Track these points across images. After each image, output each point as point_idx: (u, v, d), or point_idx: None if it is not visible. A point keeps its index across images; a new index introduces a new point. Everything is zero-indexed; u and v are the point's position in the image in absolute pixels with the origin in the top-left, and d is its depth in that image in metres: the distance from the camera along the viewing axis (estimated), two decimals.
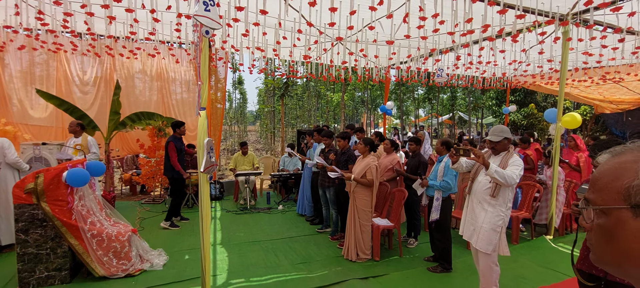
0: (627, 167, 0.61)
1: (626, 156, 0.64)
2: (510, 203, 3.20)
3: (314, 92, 17.86)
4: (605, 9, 3.16)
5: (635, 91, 9.94)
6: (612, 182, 0.63)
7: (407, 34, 3.76)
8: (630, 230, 0.59)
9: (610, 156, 0.67)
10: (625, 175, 0.61)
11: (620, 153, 0.66)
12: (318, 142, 5.86)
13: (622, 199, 0.60)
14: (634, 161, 0.61)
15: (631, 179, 0.59)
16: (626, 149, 0.66)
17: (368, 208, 4.47)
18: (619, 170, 0.63)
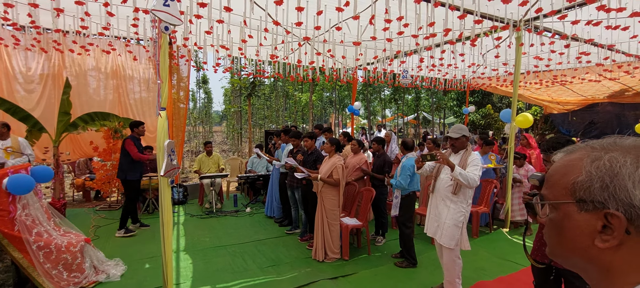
0: (574, 164, 0.64)
1: (576, 154, 0.67)
2: (470, 199, 3.36)
3: (282, 92, 17.68)
4: (553, 17, 3.41)
5: (579, 93, 10.86)
6: (562, 179, 0.65)
7: (374, 36, 3.82)
8: (575, 224, 0.62)
9: (563, 155, 0.70)
10: (572, 172, 0.64)
11: (572, 152, 0.69)
12: (286, 143, 5.80)
13: (569, 194, 0.63)
14: (580, 159, 0.64)
15: (577, 175, 0.62)
16: (577, 148, 0.68)
17: (336, 208, 4.48)
18: (567, 167, 0.66)
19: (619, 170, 0.58)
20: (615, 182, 0.58)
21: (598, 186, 0.59)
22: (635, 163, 0.58)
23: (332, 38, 4.56)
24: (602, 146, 0.64)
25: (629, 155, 0.59)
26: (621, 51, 5.52)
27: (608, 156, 0.61)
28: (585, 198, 0.60)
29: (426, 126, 28.30)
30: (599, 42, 4.93)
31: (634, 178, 0.57)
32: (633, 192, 0.57)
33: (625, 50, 5.51)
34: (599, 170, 0.60)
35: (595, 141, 0.67)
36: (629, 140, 0.64)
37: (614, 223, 0.58)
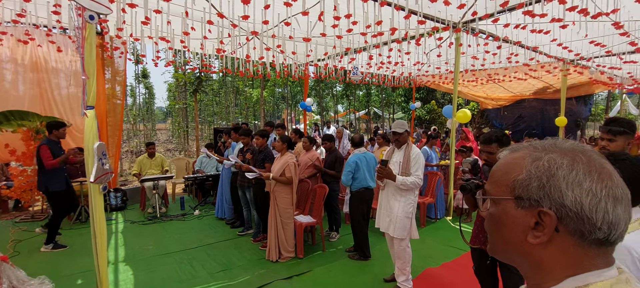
0: (517, 163, 0.66)
1: (519, 153, 0.69)
2: (417, 190, 3.54)
3: (232, 88, 17.02)
4: (487, 20, 3.69)
5: (509, 90, 11.97)
6: (503, 176, 0.68)
7: (323, 32, 3.79)
8: (512, 219, 0.65)
9: (508, 152, 0.73)
10: (514, 170, 0.66)
11: (515, 151, 0.71)
12: (236, 141, 5.58)
13: (509, 191, 0.66)
14: (523, 158, 0.66)
15: (518, 174, 0.65)
16: (521, 147, 0.71)
17: (289, 207, 4.42)
18: (510, 165, 0.68)
19: (556, 171, 0.61)
20: (551, 182, 0.61)
21: (535, 185, 0.62)
22: (571, 166, 0.61)
23: (282, 33, 4.45)
24: (544, 147, 0.66)
25: (567, 158, 0.62)
26: (544, 52, 6.17)
27: (547, 157, 0.63)
28: (523, 196, 0.63)
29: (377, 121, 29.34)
30: (525, 44, 5.45)
31: (568, 180, 0.60)
32: (566, 192, 0.59)
33: (547, 52, 6.17)
34: (538, 170, 0.62)
35: (538, 142, 0.70)
36: (568, 143, 0.67)
37: (546, 220, 0.61)
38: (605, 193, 0.59)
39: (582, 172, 0.60)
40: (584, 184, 0.59)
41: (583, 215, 0.59)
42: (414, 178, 3.39)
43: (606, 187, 0.59)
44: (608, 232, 0.59)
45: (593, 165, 0.61)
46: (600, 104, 21.23)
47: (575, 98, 12.87)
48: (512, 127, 14.77)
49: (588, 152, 0.63)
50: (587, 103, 14.65)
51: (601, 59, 6.71)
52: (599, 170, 0.61)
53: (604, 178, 0.60)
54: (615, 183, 0.61)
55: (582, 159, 0.61)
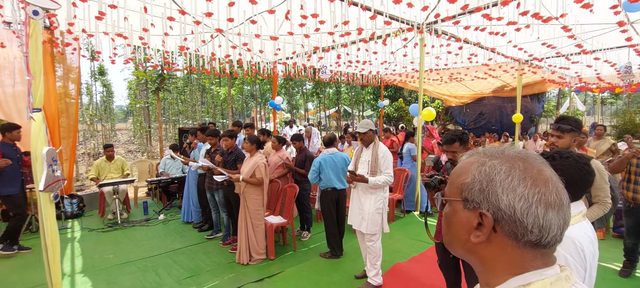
0: (467, 168, 0.72)
1: (472, 158, 0.74)
2: (387, 186, 3.63)
3: (198, 86, 16.39)
4: (449, 22, 3.83)
5: (471, 88, 12.56)
6: (456, 179, 0.73)
7: (291, 31, 3.75)
8: (459, 219, 0.71)
9: (465, 157, 0.77)
10: (464, 174, 0.71)
11: (470, 156, 0.76)
12: (203, 142, 5.40)
13: (459, 193, 0.71)
14: (471, 163, 0.72)
15: (465, 177, 0.70)
16: (475, 153, 0.76)
17: (260, 208, 4.35)
18: (462, 169, 0.73)
19: (495, 176, 0.66)
20: (490, 187, 0.66)
21: (477, 188, 0.67)
22: (508, 173, 0.66)
23: (249, 31, 4.35)
24: (491, 154, 0.72)
25: (506, 164, 0.67)
26: (501, 53, 6.52)
27: (490, 163, 0.68)
28: (468, 198, 0.69)
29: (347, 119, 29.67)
30: (484, 45, 5.73)
31: (503, 185, 0.65)
32: (501, 196, 0.65)
33: (504, 53, 6.53)
34: (480, 175, 0.68)
35: (490, 148, 0.75)
36: (515, 150, 0.72)
37: (485, 221, 0.66)
38: (537, 199, 0.64)
39: (517, 178, 0.65)
40: (518, 190, 0.64)
41: (516, 218, 0.64)
42: (385, 176, 3.48)
43: (539, 193, 0.64)
44: (539, 235, 0.64)
45: (529, 172, 0.66)
46: (552, 101, 22.85)
47: (529, 96, 13.74)
48: (474, 124, 15.53)
49: (528, 159, 0.68)
50: (541, 100, 15.70)
51: (552, 59, 7.21)
52: (534, 177, 0.65)
53: (538, 185, 0.65)
54: (549, 190, 0.65)
55: (519, 166, 0.66)
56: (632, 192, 3.56)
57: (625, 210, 3.74)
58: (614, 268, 4.10)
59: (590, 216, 2.51)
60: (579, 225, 1.43)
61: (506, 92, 12.15)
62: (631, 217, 3.65)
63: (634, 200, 3.54)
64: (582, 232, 1.39)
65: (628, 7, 3.41)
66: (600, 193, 2.51)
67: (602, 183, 2.50)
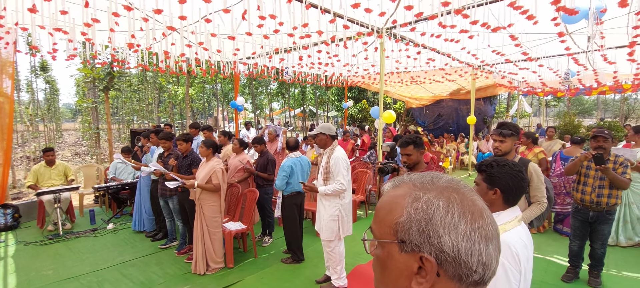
0: (398, 202, 0.64)
1: (400, 189, 0.67)
2: (344, 193, 3.60)
3: (154, 85, 15.47)
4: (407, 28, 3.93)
5: (430, 91, 13.06)
6: (386, 216, 0.65)
7: (249, 32, 3.62)
8: (396, 263, 0.63)
9: (390, 188, 0.70)
10: (396, 211, 0.64)
11: (397, 186, 0.69)
12: (156, 145, 5.08)
13: (393, 234, 0.63)
14: (403, 196, 0.64)
15: (399, 215, 0.63)
16: (402, 182, 0.69)
17: (217, 215, 4.17)
18: (392, 204, 0.65)
19: (433, 214, 0.60)
20: (430, 227, 0.60)
21: (416, 229, 0.60)
22: (447, 208, 0.61)
23: (205, 29, 4.16)
24: (422, 184, 0.66)
25: (442, 198, 0.62)
26: (456, 58, 6.83)
27: (425, 197, 0.62)
28: (405, 240, 0.61)
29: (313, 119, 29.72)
30: (441, 51, 5.96)
31: (444, 224, 0.59)
32: (443, 237, 0.59)
33: (458, 58, 6.84)
34: (417, 213, 0.61)
35: (417, 176, 0.69)
36: (444, 179, 0.67)
37: (427, 266, 0.60)
38: (478, 235, 0.60)
39: (457, 214, 0.60)
40: (459, 227, 0.60)
41: (460, 260, 0.59)
42: (335, 185, 3.42)
43: (479, 228, 0.61)
44: (483, 273, 0.61)
45: (466, 205, 0.62)
46: (503, 103, 24.46)
47: (482, 98, 14.60)
48: (433, 125, 16.20)
49: (461, 190, 0.64)
50: (492, 103, 16.75)
51: (502, 65, 7.67)
52: (471, 210, 0.62)
53: (476, 219, 0.61)
54: (486, 222, 0.62)
55: (456, 199, 0.62)
56: (580, 193, 3.71)
57: (573, 211, 3.87)
58: (555, 261, 4.42)
59: (530, 215, 2.67)
60: (515, 230, 1.49)
61: (462, 94, 12.79)
62: (578, 217, 3.78)
63: (582, 202, 3.70)
64: (517, 237, 1.45)
65: (566, 19, 3.69)
66: (537, 194, 2.67)
67: (539, 184, 2.67)
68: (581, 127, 14.32)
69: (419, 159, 2.80)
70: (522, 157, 2.81)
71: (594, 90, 9.93)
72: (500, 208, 1.61)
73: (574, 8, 3.01)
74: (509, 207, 1.60)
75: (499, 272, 1.44)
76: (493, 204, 1.63)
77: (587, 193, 3.67)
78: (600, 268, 3.82)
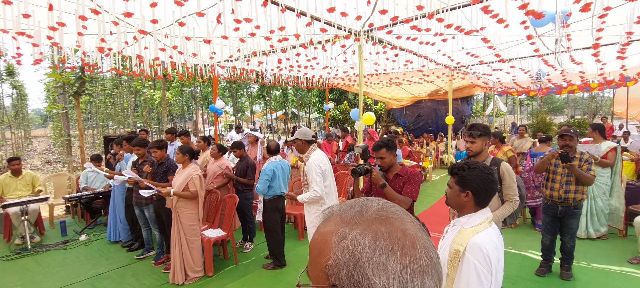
0: (327, 241, 0.59)
1: (329, 225, 0.62)
2: (324, 199, 3.60)
3: (128, 89, 14.94)
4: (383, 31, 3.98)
5: (409, 92, 13.29)
6: (317, 258, 0.60)
7: (225, 35, 3.56)
8: None
9: (322, 221, 0.65)
10: (325, 251, 0.59)
11: (327, 220, 0.63)
12: (130, 152, 4.91)
13: (325, 277, 0.58)
14: (331, 234, 0.60)
15: (328, 257, 0.58)
16: (331, 215, 0.64)
17: (195, 223, 4.07)
18: (321, 243, 0.60)
19: (360, 255, 0.56)
20: (358, 271, 0.55)
21: (344, 273, 0.56)
22: (373, 247, 0.56)
23: (180, 33, 4.06)
24: (350, 218, 0.61)
25: (369, 235, 0.57)
26: (433, 60, 6.97)
27: (351, 236, 0.57)
28: (337, 284, 0.57)
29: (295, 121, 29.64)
30: (418, 53, 6.07)
31: (372, 264, 0.55)
32: (373, 280, 0.54)
33: (435, 60, 6.99)
34: (343, 255, 0.56)
35: (346, 207, 0.64)
36: (373, 208, 0.62)
37: None
38: (411, 271, 0.56)
39: (385, 252, 0.56)
40: (389, 266, 0.55)
41: None
42: (309, 193, 3.42)
43: (410, 262, 0.56)
44: None
45: (395, 237, 0.57)
46: (480, 103, 25.20)
47: (460, 99, 14.97)
48: (413, 125, 16.47)
49: (390, 220, 0.60)
50: (469, 103, 17.21)
51: (476, 66, 7.90)
52: (401, 244, 0.57)
53: (407, 252, 0.57)
54: (419, 253, 0.58)
55: (383, 233, 0.57)
56: (549, 189, 3.88)
57: (543, 207, 4.04)
58: (530, 256, 4.57)
59: (503, 213, 2.75)
60: (486, 232, 1.53)
61: (440, 95, 13.08)
62: (548, 213, 3.95)
63: (551, 197, 3.86)
64: (488, 239, 1.50)
65: (534, 22, 3.83)
66: (510, 192, 2.76)
67: (511, 183, 2.76)
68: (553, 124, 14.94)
69: (392, 161, 2.82)
70: (494, 157, 2.90)
71: (564, 89, 10.38)
72: (472, 210, 1.65)
73: (541, 12, 3.12)
74: (480, 209, 1.64)
75: (471, 274, 1.47)
76: (465, 206, 1.66)
77: (556, 189, 3.83)
78: (571, 261, 3.98)
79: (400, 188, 2.73)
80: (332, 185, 3.75)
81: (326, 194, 3.57)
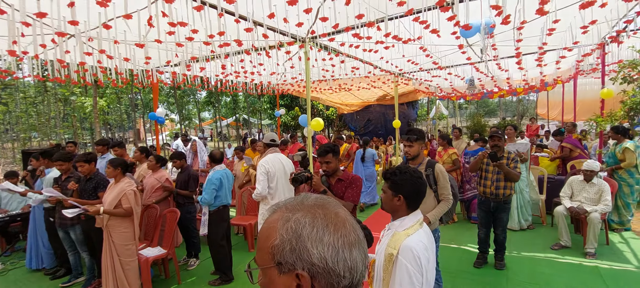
0: (273, 227, 0.67)
1: (275, 215, 0.70)
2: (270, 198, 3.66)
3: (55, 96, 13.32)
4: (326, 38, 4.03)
5: (359, 97, 13.65)
6: (265, 243, 0.68)
7: (158, 39, 3.33)
8: (277, 287, 0.66)
9: (269, 215, 0.72)
10: (271, 235, 0.67)
11: (274, 212, 0.71)
12: (50, 167, 4.38)
13: (271, 258, 0.66)
14: (276, 221, 0.68)
15: (274, 239, 0.66)
16: (278, 208, 0.72)
17: (130, 242, 3.73)
18: (269, 229, 0.68)
19: (301, 231, 0.64)
20: (299, 244, 0.64)
21: (288, 249, 0.64)
22: (312, 224, 0.65)
23: (108, 36, 3.72)
24: (293, 206, 0.69)
25: (308, 216, 0.66)
26: (378, 67, 7.23)
27: (294, 217, 0.66)
28: (282, 261, 0.64)
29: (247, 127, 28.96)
30: (363, 60, 6.25)
31: (312, 238, 0.64)
32: (312, 251, 0.63)
33: (380, 66, 7.25)
34: (287, 233, 0.65)
35: (289, 201, 0.72)
36: (312, 198, 0.72)
37: (303, 282, 0.63)
38: (342, 243, 0.65)
39: (321, 227, 0.65)
40: (324, 238, 0.64)
41: (329, 269, 0.63)
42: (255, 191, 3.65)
43: (342, 236, 0.66)
44: (350, 277, 0.65)
45: (329, 217, 0.67)
46: (424, 107, 26.77)
47: (406, 103, 15.74)
48: (363, 129, 16.96)
49: (326, 205, 0.70)
50: (415, 107, 18.18)
51: (418, 73, 8.35)
52: (334, 221, 0.67)
53: (339, 228, 0.66)
54: (348, 230, 0.67)
55: (320, 214, 0.67)
56: (482, 186, 4.22)
57: (478, 203, 4.38)
58: (469, 249, 4.89)
59: (439, 212, 2.91)
60: (416, 234, 1.59)
61: (387, 100, 13.62)
62: (482, 208, 4.28)
63: (484, 194, 4.20)
64: (418, 240, 1.55)
65: (463, 33, 4.13)
66: (444, 192, 2.94)
67: (445, 183, 2.94)
68: (487, 126, 16.34)
69: (336, 166, 2.84)
70: (430, 160, 3.05)
71: (495, 94, 11.38)
72: (405, 214, 1.69)
73: (468, 24, 3.37)
74: (412, 212, 1.69)
75: (404, 277, 1.50)
76: (398, 210, 1.70)
77: (488, 186, 4.17)
78: (503, 252, 4.33)
79: (343, 193, 2.75)
80: (281, 187, 3.72)
81: (271, 196, 3.58)
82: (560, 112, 13.36)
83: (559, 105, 13.67)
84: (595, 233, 4.46)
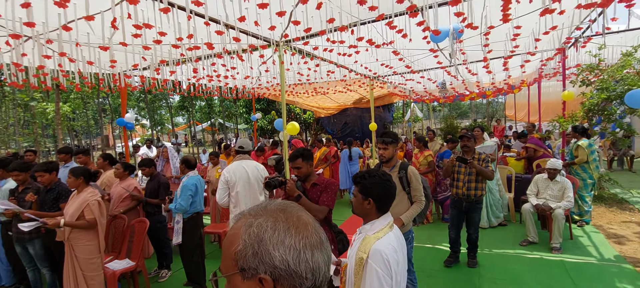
0: (236, 234, 0.67)
1: (239, 222, 0.70)
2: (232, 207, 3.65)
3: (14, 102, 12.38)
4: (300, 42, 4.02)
5: (335, 100, 13.72)
6: (228, 250, 0.68)
7: (123, 41, 3.19)
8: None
9: (234, 222, 0.72)
10: (234, 242, 0.67)
11: (238, 220, 0.71)
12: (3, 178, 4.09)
13: (235, 264, 0.66)
14: (240, 227, 0.68)
15: (237, 245, 0.66)
16: (242, 215, 0.71)
17: (94, 255, 3.53)
18: (232, 236, 0.68)
19: (263, 235, 0.65)
20: (261, 248, 0.64)
21: (250, 253, 0.64)
22: (274, 227, 0.65)
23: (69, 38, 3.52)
24: (256, 212, 0.69)
25: (270, 220, 0.66)
26: (353, 71, 7.30)
27: (257, 222, 0.66)
28: (245, 267, 0.64)
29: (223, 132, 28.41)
30: (338, 63, 6.29)
31: (273, 241, 0.64)
32: (273, 253, 0.63)
33: (356, 70, 7.32)
34: (250, 238, 0.65)
35: (253, 208, 0.72)
36: (274, 204, 0.72)
37: (266, 286, 0.63)
38: (303, 244, 0.65)
39: (283, 230, 0.65)
40: (286, 241, 0.65)
41: (291, 271, 0.64)
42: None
43: (303, 238, 0.66)
44: (313, 279, 0.65)
45: (291, 220, 0.67)
46: (400, 110, 27.31)
47: (381, 106, 15.99)
48: (340, 132, 17.06)
49: (288, 209, 0.70)
50: (390, 110, 18.49)
51: (392, 77, 8.51)
52: (296, 224, 0.67)
53: (300, 231, 0.67)
54: (310, 232, 0.68)
55: (282, 218, 0.67)
56: (455, 188, 4.34)
57: (451, 203, 4.50)
58: (443, 249, 5.00)
59: (412, 213, 2.96)
60: (386, 237, 1.59)
61: (364, 103, 13.78)
62: (455, 207, 4.40)
63: (456, 194, 4.33)
64: (387, 243, 1.55)
65: (434, 38, 4.25)
66: (417, 193, 3.00)
67: (418, 185, 2.99)
68: (459, 127, 16.87)
69: (309, 171, 2.82)
70: (402, 162, 3.10)
71: (466, 96, 11.78)
72: (375, 217, 1.69)
73: (437, 29, 3.46)
74: (382, 215, 1.69)
75: (374, 280, 1.50)
76: (369, 213, 1.70)
77: (460, 187, 4.29)
78: (476, 250, 4.46)
79: (317, 198, 2.72)
80: (244, 195, 3.54)
81: (233, 204, 3.52)
82: (526, 114, 14.00)
83: (525, 107, 14.33)
84: (560, 229, 4.68)
